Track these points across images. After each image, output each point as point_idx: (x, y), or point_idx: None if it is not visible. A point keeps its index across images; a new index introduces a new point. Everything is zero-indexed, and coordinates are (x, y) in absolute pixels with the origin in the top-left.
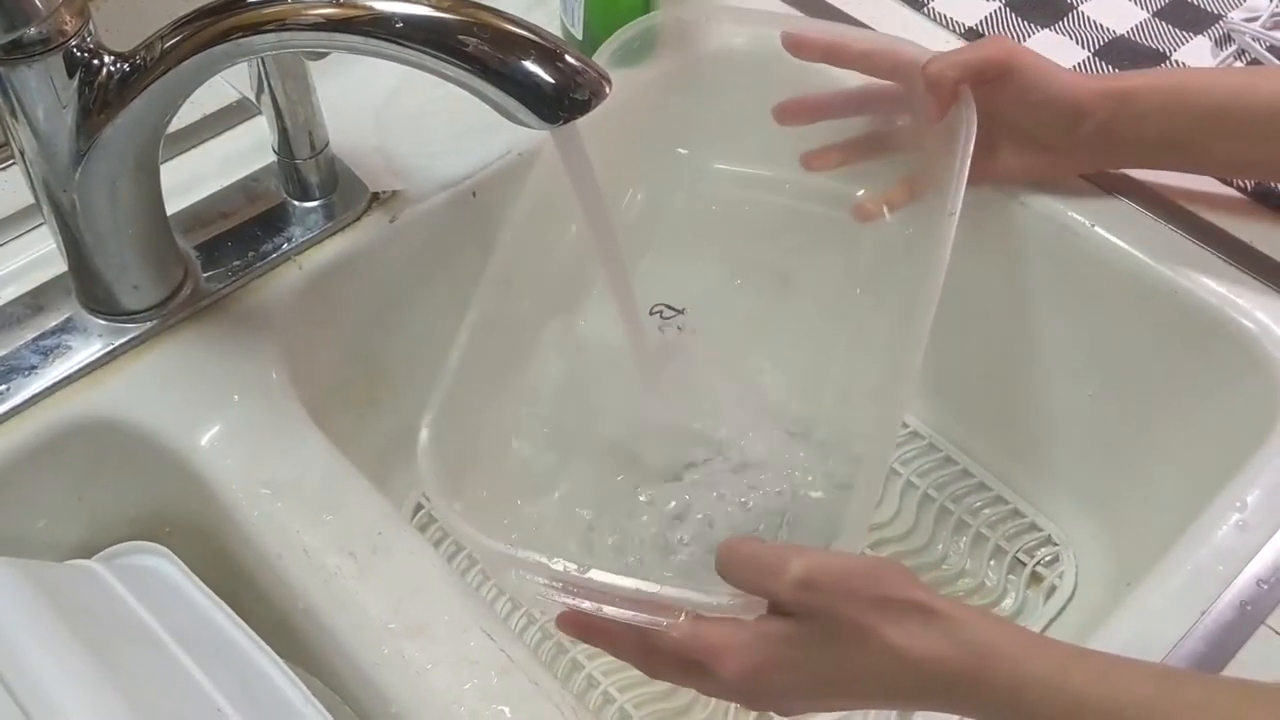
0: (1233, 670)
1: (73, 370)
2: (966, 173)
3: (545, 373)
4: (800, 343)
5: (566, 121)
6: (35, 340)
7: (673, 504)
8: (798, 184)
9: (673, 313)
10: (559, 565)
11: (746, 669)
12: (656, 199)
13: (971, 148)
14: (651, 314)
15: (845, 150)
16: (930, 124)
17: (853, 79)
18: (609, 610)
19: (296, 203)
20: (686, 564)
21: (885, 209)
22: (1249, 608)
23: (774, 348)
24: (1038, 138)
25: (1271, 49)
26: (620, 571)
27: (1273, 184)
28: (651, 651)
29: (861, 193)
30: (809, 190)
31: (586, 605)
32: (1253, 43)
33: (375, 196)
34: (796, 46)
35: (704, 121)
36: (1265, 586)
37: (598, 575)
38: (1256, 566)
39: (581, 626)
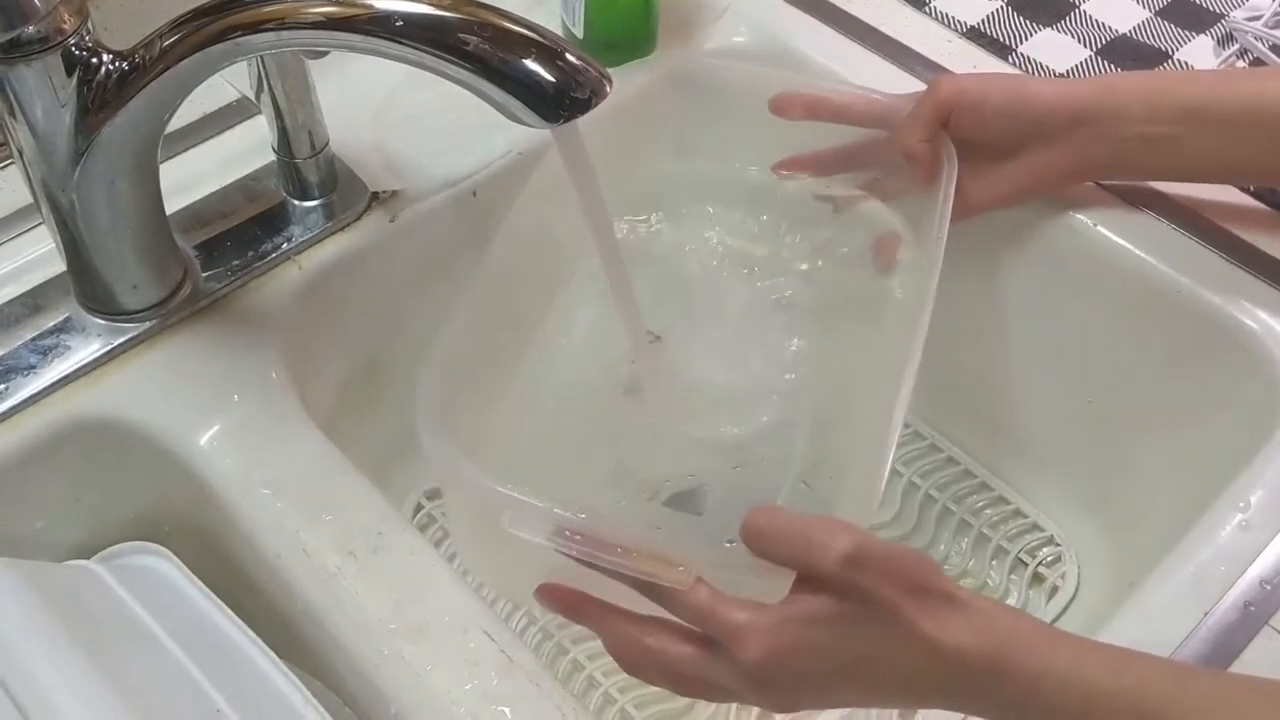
0: (1236, 671)
1: (71, 370)
2: (950, 204)
3: (543, 369)
4: (797, 348)
5: (567, 120)
6: (34, 340)
7: (669, 505)
8: (791, 218)
9: (654, 338)
10: (559, 511)
11: (769, 653)
12: (652, 213)
13: (955, 179)
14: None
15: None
16: (925, 185)
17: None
18: (614, 562)
19: (296, 202)
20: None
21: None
22: (1252, 608)
23: (772, 353)
24: (1012, 146)
25: (1274, 48)
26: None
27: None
28: (649, 623)
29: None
30: (802, 225)
31: (586, 552)
32: (1255, 42)
33: (375, 196)
34: (781, 108)
35: (694, 155)
36: (1269, 587)
37: (602, 525)
38: (1260, 567)
39: (563, 600)
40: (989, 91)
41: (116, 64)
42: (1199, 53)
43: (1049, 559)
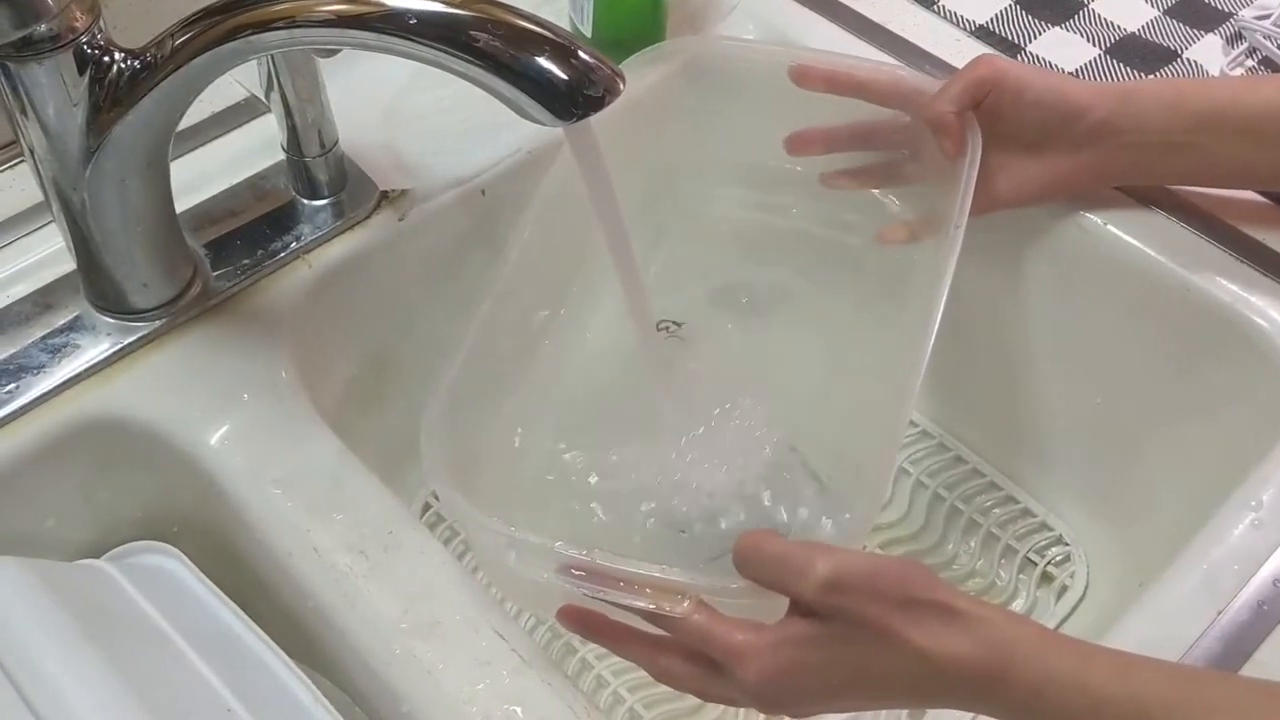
0: (1250, 671)
1: (81, 369)
2: (973, 187)
3: (554, 372)
4: (805, 348)
5: (580, 118)
6: (44, 339)
7: (678, 504)
8: (805, 207)
9: (674, 325)
10: (561, 547)
11: (768, 673)
12: (659, 219)
13: (978, 162)
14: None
15: (859, 176)
16: (949, 160)
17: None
18: (614, 595)
19: (305, 201)
20: (692, 562)
21: (910, 234)
22: (1265, 607)
23: (780, 352)
24: (1040, 141)
25: None
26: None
27: None
28: (659, 645)
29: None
30: (815, 214)
31: (589, 588)
32: (1264, 41)
33: (384, 195)
34: (800, 77)
35: (708, 143)
36: None
37: (602, 558)
38: (1273, 566)
39: (584, 621)
40: (1031, 78)
41: (128, 62)
42: (1208, 52)
43: (1058, 558)
